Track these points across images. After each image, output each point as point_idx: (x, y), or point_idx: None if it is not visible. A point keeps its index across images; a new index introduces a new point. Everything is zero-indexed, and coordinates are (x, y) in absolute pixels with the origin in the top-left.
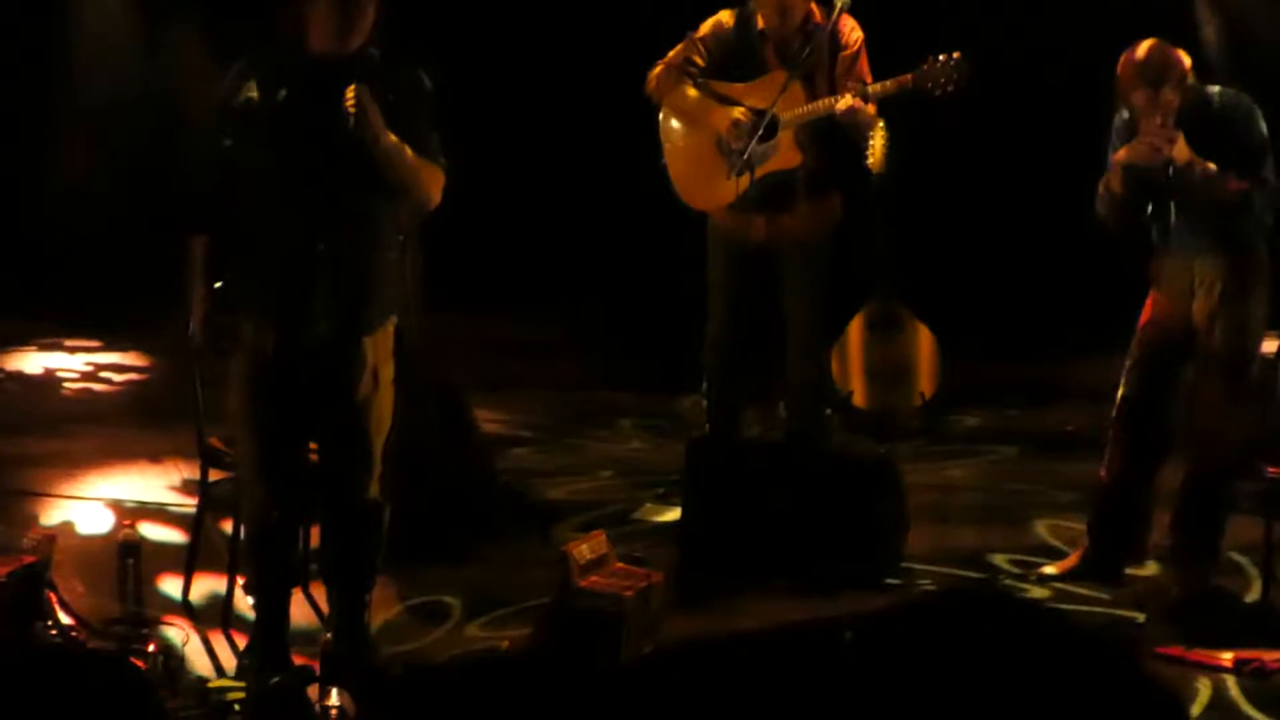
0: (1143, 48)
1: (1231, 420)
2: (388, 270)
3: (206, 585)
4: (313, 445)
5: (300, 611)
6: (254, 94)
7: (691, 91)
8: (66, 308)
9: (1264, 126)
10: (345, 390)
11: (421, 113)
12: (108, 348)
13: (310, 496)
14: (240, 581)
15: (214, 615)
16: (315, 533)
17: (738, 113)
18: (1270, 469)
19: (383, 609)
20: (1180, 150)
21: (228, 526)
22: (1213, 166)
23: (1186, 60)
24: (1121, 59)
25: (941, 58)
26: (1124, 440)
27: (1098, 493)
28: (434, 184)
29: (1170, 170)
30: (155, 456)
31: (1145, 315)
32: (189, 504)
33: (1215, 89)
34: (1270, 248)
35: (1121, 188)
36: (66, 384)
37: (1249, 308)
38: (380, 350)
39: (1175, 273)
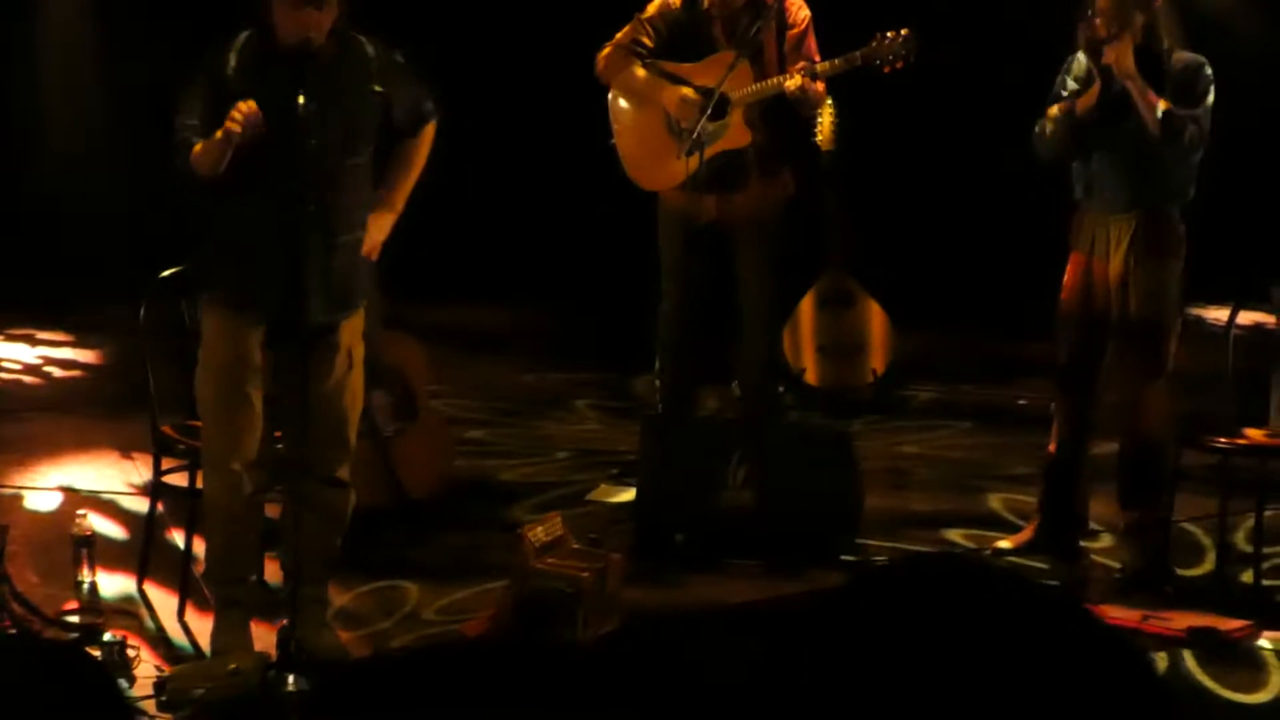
0: None
1: (1155, 392)
2: (359, 253)
3: (162, 575)
4: (276, 434)
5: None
6: (228, 77)
7: (640, 71)
8: (46, 300)
9: (1208, 83)
10: (323, 372)
11: (404, 85)
12: (78, 344)
13: (273, 481)
14: (198, 571)
15: (169, 604)
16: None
17: (687, 92)
18: (1220, 440)
19: (339, 594)
20: (1125, 58)
21: (178, 537)
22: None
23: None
24: None
25: (889, 34)
26: (1063, 410)
27: (1046, 465)
28: (427, 144)
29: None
30: (112, 446)
31: (1066, 278)
32: (144, 495)
33: (1181, 52)
34: (1186, 220)
35: (1087, 106)
36: (23, 374)
37: (1161, 274)
38: (354, 331)
39: (1092, 231)
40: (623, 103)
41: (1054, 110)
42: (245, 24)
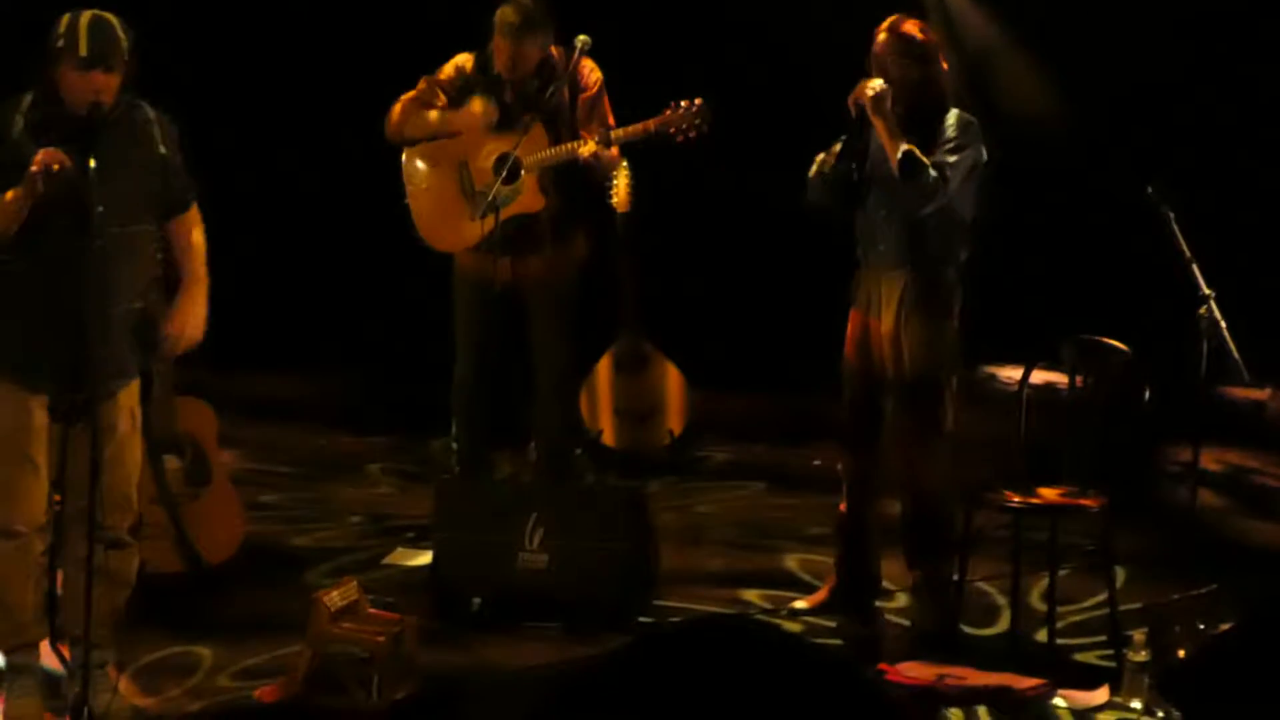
0: (897, 21)
1: (934, 450)
2: (140, 319)
3: None
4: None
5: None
6: (14, 140)
7: (432, 113)
8: None
9: (973, 144)
10: (105, 437)
11: (178, 158)
12: None
13: (58, 544)
14: None
15: None
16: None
17: (482, 104)
18: (1013, 499)
19: (131, 660)
20: (879, 99)
21: None
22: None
23: (943, 65)
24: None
25: (684, 103)
26: (848, 468)
27: (838, 525)
28: (201, 229)
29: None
30: None
31: (847, 336)
32: None
33: (959, 111)
34: (960, 278)
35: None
36: None
37: (931, 333)
38: (132, 394)
39: (868, 289)
40: (417, 163)
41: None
42: (27, 86)
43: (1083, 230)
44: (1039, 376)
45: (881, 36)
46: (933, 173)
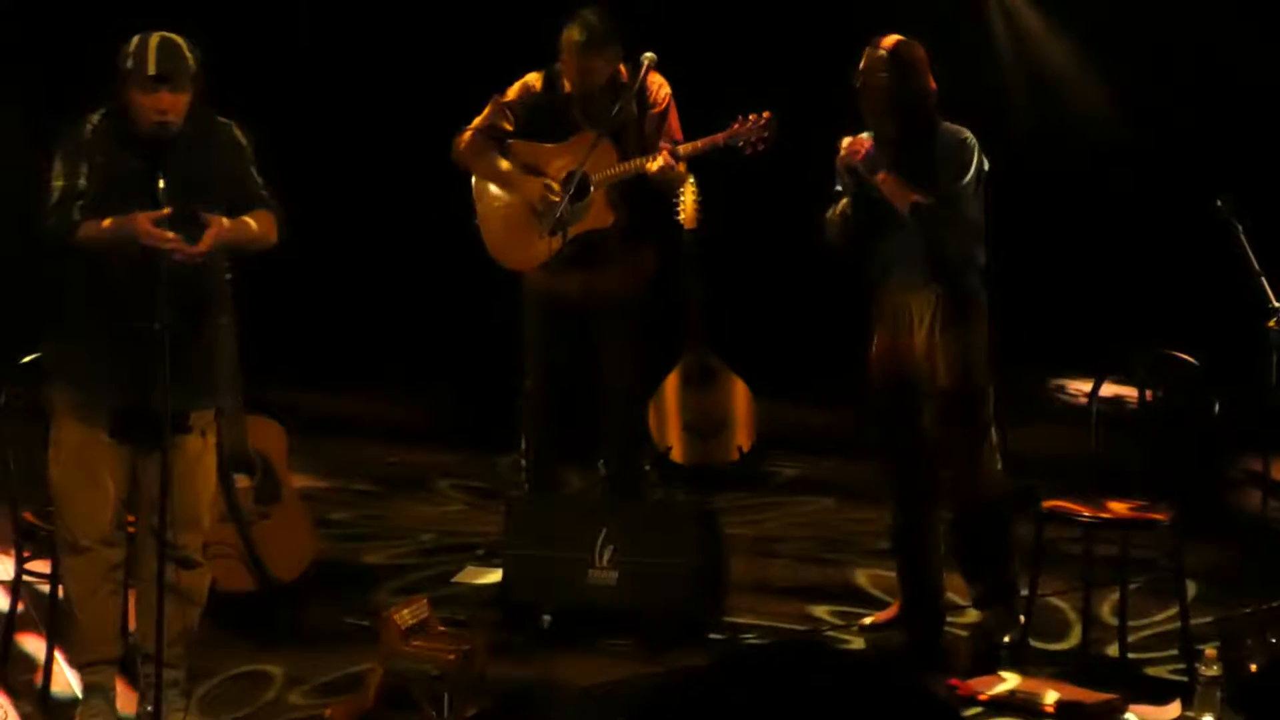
0: (889, 39)
1: (982, 458)
2: (220, 337)
3: (26, 660)
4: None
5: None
6: (87, 150)
7: (504, 164)
8: None
9: (974, 161)
10: (174, 454)
11: (247, 167)
12: None
13: (130, 562)
14: (62, 655)
15: (33, 690)
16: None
17: (550, 184)
18: (1084, 514)
19: (203, 679)
20: (869, 157)
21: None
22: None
23: (924, 83)
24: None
25: (751, 116)
26: (891, 482)
27: (893, 542)
28: (273, 229)
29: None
30: None
31: (873, 355)
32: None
33: (948, 125)
34: (984, 282)
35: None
36: None
37: (966, 343)
38: (206, 416)
39: (894, 307)
40: (487, 186)
41: (835, 210)
42: (101, 102)
43: (1153, 243)
44: (1107, 390)
45: (869, 53)
46: (944, 210)
